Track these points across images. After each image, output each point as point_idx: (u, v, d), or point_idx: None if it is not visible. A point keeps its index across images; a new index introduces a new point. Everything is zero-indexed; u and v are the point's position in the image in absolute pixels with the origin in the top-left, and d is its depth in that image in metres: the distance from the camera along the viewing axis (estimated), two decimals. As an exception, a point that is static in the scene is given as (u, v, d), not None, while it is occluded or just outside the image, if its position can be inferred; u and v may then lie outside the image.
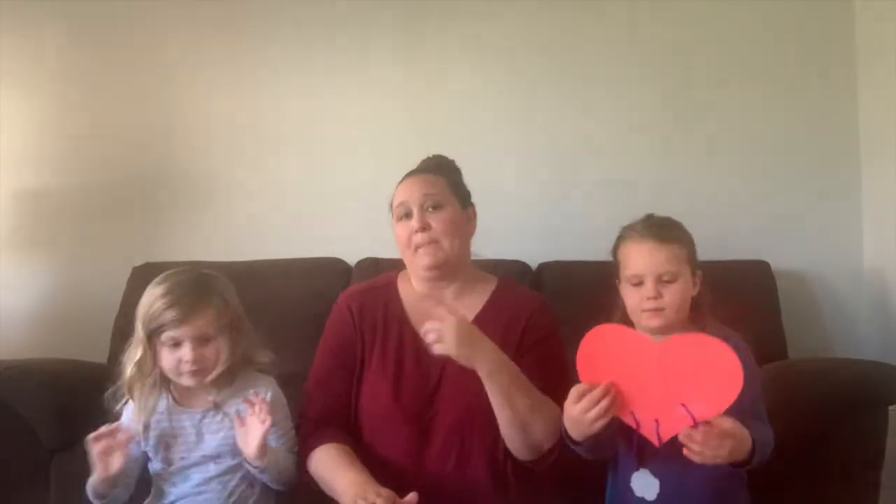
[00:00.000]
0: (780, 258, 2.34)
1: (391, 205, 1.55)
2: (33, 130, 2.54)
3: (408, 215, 1.49)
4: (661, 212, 1.46)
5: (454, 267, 1.50)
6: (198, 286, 1.45)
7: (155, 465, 1.48)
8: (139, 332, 1.43)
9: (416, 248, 1.47)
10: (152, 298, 1.42)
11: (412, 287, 1.56)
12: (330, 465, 1.40)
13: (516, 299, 1.54)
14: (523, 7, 2.54)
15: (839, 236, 2.48)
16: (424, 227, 1.46)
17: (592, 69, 2.54)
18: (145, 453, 1.48)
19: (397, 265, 1.60)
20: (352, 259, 2.37)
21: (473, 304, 1.52)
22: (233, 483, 1.45)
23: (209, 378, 1.44)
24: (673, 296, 1.34)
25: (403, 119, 2.51)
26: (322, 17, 2.56)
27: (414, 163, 1.63)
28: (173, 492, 1.46)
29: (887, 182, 2.32)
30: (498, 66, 2.54)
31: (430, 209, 1.48)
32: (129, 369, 1.44)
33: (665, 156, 2.53)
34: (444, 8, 2.55)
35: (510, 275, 2.05)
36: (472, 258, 1.58)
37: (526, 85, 2.54)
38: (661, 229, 1.38)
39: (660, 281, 1.34)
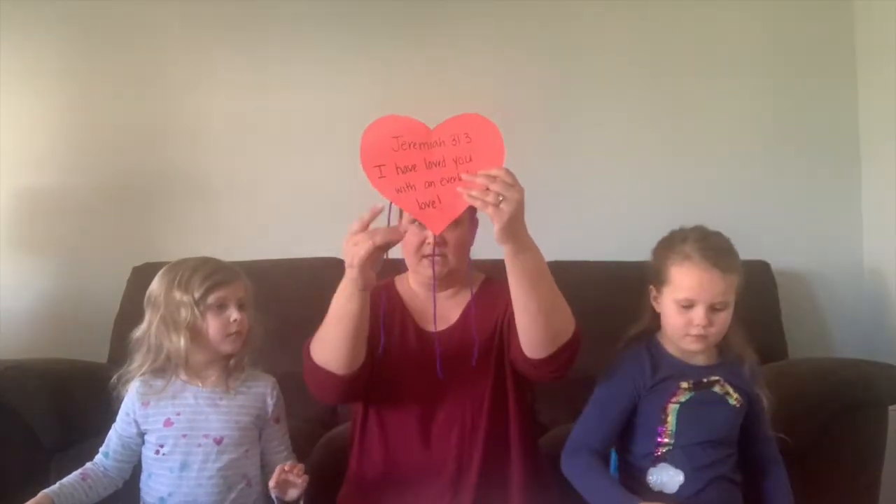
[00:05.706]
0: (780, 258, 2.34)
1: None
2: (33, 130, 2.55)
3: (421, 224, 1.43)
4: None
5: (455, 275, 1.52)
6: (222, 262, 1.52)
7: (150, 450, 1.45)
8: (183, 298, 1.43)
9: (423, 257, 1.48)
10: (187, 272, 1.46)
11: (410, 287, 1.58)
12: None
13: (502, 285, 1.47)
14: (527, 11, 2.54)
15: (839, 236, 2.48)
16: (440, 243, 1.46)
17: (594, 69, 2.54)
18: (142, 437, 1.47)
19: (397, 265, 1.58)
20: (352, 259, 2.37)
21: (462, 300, 1.55)
22: (233, 479, 1.44)
23: (243, 350, 1.49)
24: (721, 323, 1.34)
25: (404, 119, 2.51)
26: (321, 16, 2.56)
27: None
28: (170, 482, 1.43)
29: (887, 182, 2.32)
30: (497, 67, 2.55)
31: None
32: (181, 341, 1.43)
33: (665, 156, 2.53)
34: (443, 8, 2.55)
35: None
36: (472, 259, 1.58)
37: (526, 86, 2.54)
38: (723, 258, 1.35)
39: (712, 309, 1.33)
